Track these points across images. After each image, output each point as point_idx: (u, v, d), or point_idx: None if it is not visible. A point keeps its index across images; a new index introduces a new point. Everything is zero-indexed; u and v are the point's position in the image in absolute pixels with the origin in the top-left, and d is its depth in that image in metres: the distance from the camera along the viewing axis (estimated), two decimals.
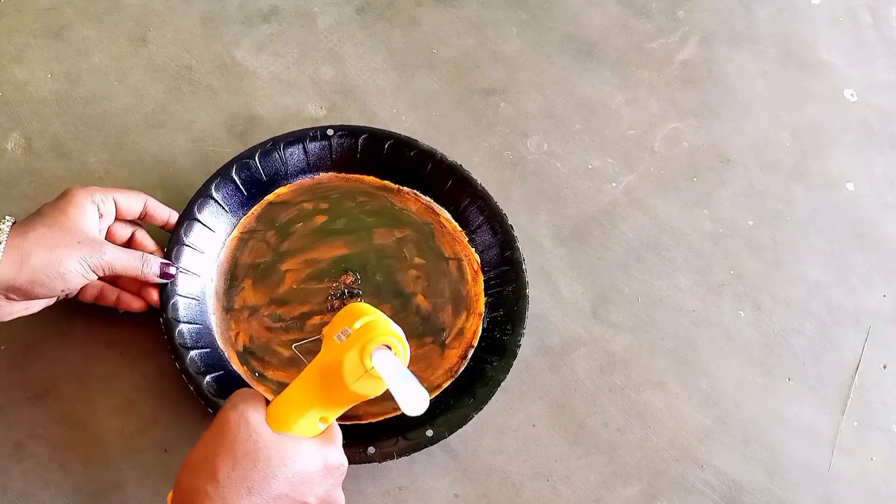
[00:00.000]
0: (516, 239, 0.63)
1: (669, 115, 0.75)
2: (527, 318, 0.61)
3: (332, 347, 0.46)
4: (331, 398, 0.47)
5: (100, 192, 0.55)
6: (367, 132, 0.65)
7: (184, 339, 0.58)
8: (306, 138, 0.65)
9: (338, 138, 0.65)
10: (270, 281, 0.63)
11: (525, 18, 0.78)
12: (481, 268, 0.64)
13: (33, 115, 0.69)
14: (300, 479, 0.45)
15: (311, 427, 0.47)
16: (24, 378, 0.60)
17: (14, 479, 0.57)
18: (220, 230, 0.63)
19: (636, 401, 0.63)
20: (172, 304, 0.58)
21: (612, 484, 0.60)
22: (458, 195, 0.65)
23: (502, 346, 0.60)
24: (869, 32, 0.82)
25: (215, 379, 0.57)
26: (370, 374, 0.44)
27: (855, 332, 0.67)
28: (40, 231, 0.51)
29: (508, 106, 0.74)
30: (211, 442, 0.44)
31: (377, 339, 0.45)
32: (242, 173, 0.63)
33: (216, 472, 0.43)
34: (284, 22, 0.76)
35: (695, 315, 0.66)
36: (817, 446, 0.62)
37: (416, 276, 0.64)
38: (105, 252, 0.53)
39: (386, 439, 0.56)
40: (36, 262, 0.50)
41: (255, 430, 0.44)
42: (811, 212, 0.72)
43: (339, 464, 0.48)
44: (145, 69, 0.72)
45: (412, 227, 0.65)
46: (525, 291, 0.62)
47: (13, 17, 0.74)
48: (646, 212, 0.70)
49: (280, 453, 0.44)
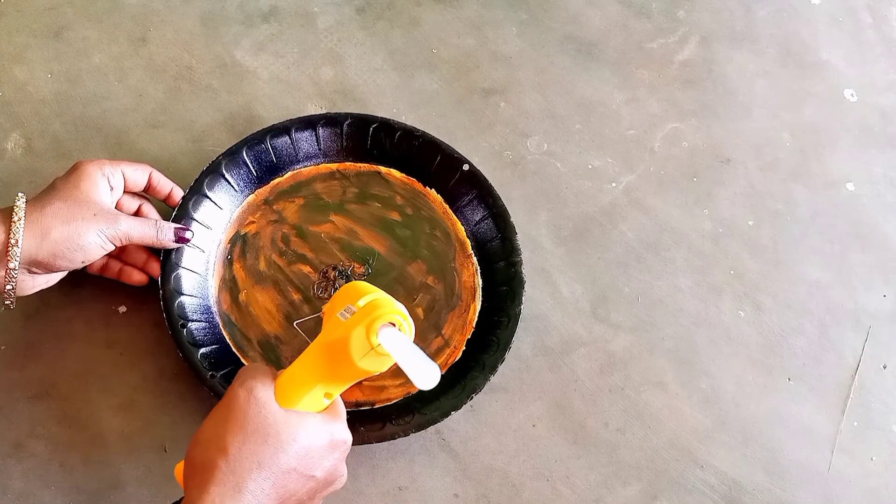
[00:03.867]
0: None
1: (669, 115, 0.75)
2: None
3: (336, 324, 0.47)
4: (337, 374, 0.47)
5: (108, 164, 0.57)
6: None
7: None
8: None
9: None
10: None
11: (525, 18, 0.78)
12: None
13: (33, 115, 0.69)
14: (307, 453, 0.46)
15: (316, 402, 0.48)
16: (24, 378, 0.60)
17: (14, 479, 0.57)
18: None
19: (636, 401, 0.63)
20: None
21: (612, 484, 0.60)
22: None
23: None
24: (869, 32, 0.82)
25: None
26: (376, 351, 0.45)
27: (855, 332, 0.67)
28: (57, 205, 0.53)
29: (508, 106, 0.74)
30: (222, 417, 0.45)
31: (383, 316, 0.45)
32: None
33: (227, 447, 0.44)
34: (284, 22, 0.76)
35: (695, 315, 0.66)
36: (817, 446, 0.62)
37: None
38: (121, 223, 0.55)
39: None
40: (56, 236, 0.52)
41: (264, 406, 0.45)
42: (811, 212, 0.72)
43: (344, 439, 0.49)
44: (145, 69, 0.72)
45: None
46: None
47: (13, 17, 0.73)
48: (646, 212, 0.70)
49: (288, 429, 0.45)
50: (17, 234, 0.51)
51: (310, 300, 0.63)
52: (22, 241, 0.51)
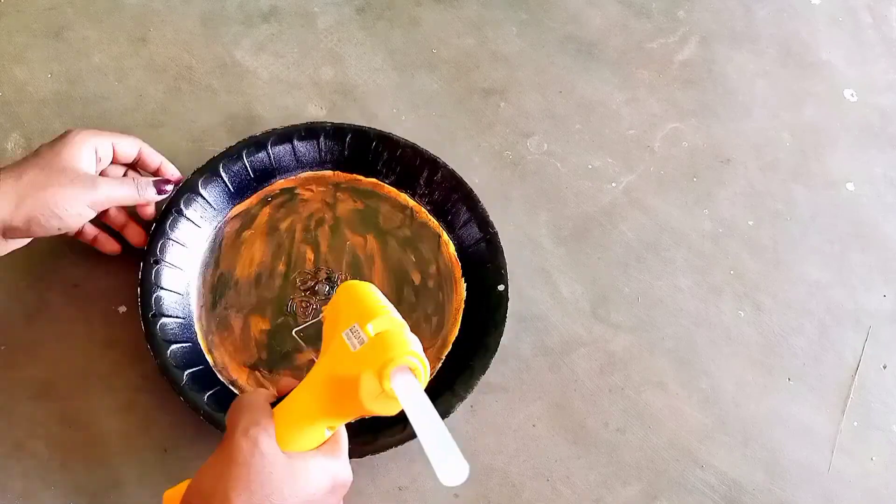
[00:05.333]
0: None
1: (669, 115, 0.75)
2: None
3: (343, 353, 0.44)
4: (341, 411, 0.45)
5: (98, 135, 0.57)
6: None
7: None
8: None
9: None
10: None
11: (525, 18, 0.78)
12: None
13: (33, 115, 0.69)
14: (309, 499, 0.44)
15: (318, 435, 0.46)
16: (24, 378, 0.60)
17: (14, 479, 0.57)
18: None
19: (636, 401, 0.63)
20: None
21: (612, 484, 0.60)
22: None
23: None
24: (869, 32, 0.82)
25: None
26: (387, 394, 0.42)
27: (855, 332, 0.67)
28: (33, 172, 0.53)
29: (508, 106, 0.74)
30: (224, 471, 0.43)
31: (397, 359, 0.41)
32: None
33: (231, 503, 0.42)
34: (284, 22, 0.76)
35: (695, 315, 0.66)
36: (817, 446, 0.62)
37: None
38: (99, 187, 0.55)
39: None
40: (31, 203, 0.52)
41: (266, 457, 0.43)
42: (811, 212, 0.72)
43: (344, 481, 0.47)
44: (145, 69, 0.72)
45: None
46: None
47: (13, 17, 0.73)
48: (646, 212, 0.70)
49: (293, 477, 0.44)
50: None
51: (287, 277, 0.63)
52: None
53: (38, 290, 0.61)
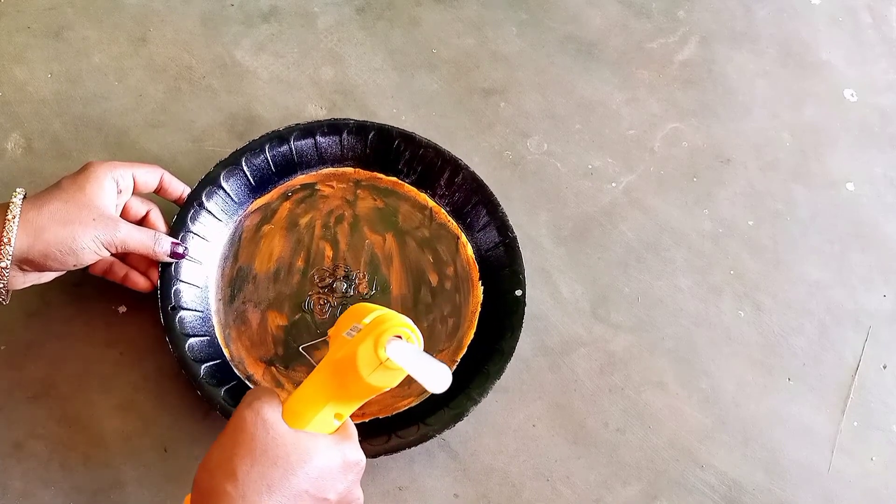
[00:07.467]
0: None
1: (669, 115, 0.75)
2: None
3: (343, 343, 0.46)
4: (346, 393, 0.46)
5: (120, 167, 0.56)
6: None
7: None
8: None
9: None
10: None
11: (525, 18, 0.78)
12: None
13: (33, 115, 0.69)
14: (320, 475, 0.44)
15: (326, 424, 0.47)
16: (24, 378, 0.60)
17: (14, 479, 0.57)
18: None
19: (636, 401, 0.63)
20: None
21: (612, 484, 0.60)
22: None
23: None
24: (869, 32, 0.82)
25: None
26: (385, 365, 0.44)
27: (855, 332, 0.67)
28: (55, 206, 0.52)
29: (508, 106, 0.74)
30: (229, 441, 0.44)
31: (390, 329, 0.45)
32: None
33: (235, 471, 0.42)
34: (284, 22, 0.76)
35: (695, 315, 0.66)
36: (817, 446, 0.63)
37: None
38: (119, 229, 0.54)
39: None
40: (49, 237, 0.51)
41: (272, 427, 0.44)
42: (811, 212, 0.72)
43: (357, 460, 0.47)
44: (145, 69, 0.72)
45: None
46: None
47: (13, 17, 0.73)
48: (646, 212, 0.70)
49: (299, 450, 0.44)
50: (10, 233, 0.50)
51: (305, 273, 0.63)
52: (14, 240, 0.50)
53: (38, 290, 0.61)
